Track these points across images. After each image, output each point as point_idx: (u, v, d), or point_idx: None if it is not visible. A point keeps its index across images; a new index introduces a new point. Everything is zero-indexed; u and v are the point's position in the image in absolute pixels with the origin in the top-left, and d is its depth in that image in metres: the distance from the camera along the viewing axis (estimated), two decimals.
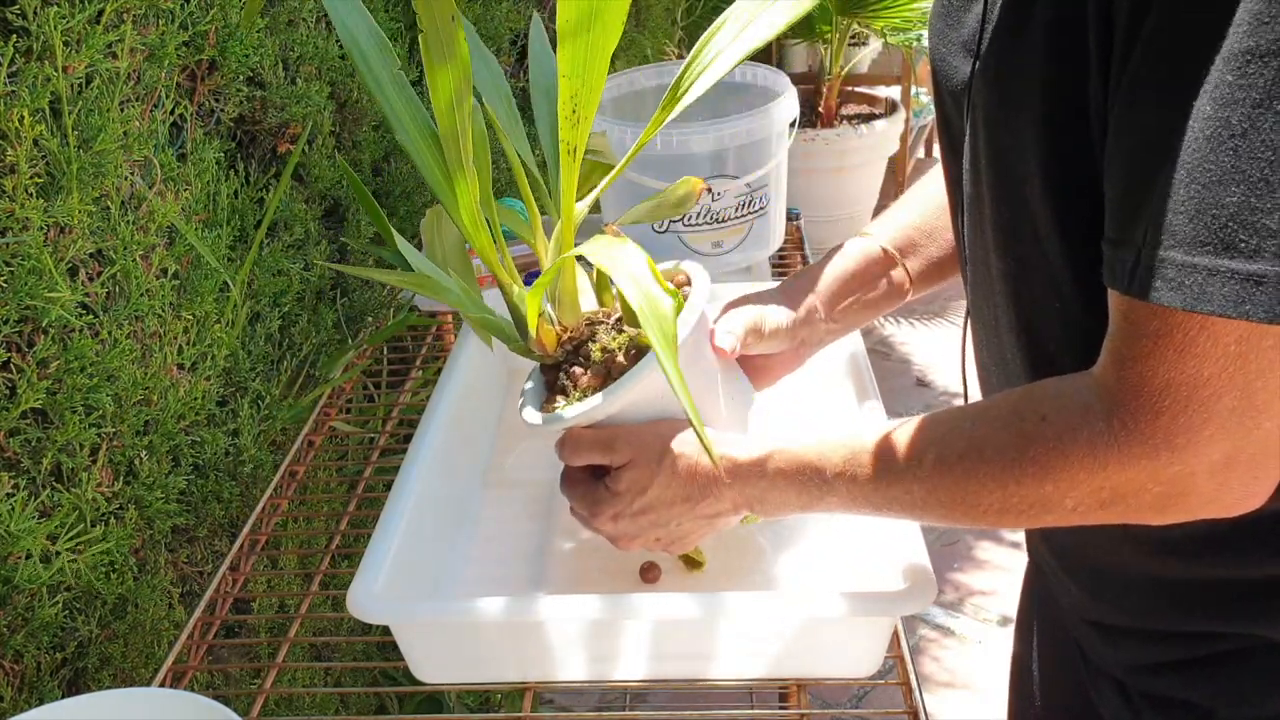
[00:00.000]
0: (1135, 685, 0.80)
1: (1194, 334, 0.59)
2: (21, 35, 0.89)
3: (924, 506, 0.74)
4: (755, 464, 0.81)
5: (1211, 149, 0.56)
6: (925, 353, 3.48)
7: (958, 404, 0.78)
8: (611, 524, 0.86)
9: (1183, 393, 0.60)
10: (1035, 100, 0.67)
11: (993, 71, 0.72)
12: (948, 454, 0.71)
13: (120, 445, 1.05)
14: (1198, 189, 0.57)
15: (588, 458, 0.87)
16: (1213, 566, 0.73)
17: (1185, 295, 0.58)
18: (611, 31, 0.76)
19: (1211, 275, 0.57)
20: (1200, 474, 0.62)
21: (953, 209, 0.85)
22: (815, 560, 0.97)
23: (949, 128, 0.81)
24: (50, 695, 0.97)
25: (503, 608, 0.83)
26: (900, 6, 3.68)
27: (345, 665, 1.43)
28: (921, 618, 2.46)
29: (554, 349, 0.90)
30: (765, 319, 0.94)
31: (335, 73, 1.42)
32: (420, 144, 0.86)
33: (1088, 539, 0.79)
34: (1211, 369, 0.59)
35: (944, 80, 0.79)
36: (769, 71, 1.52)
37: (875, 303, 0.99)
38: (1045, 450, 0.66)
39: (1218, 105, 0.56)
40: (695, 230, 1.44)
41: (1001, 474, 0.69)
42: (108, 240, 1.01)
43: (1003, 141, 0.72)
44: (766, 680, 0.88)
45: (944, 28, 0.79)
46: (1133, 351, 0.62)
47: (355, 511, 1.16)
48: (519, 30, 2.05)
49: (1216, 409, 0.60)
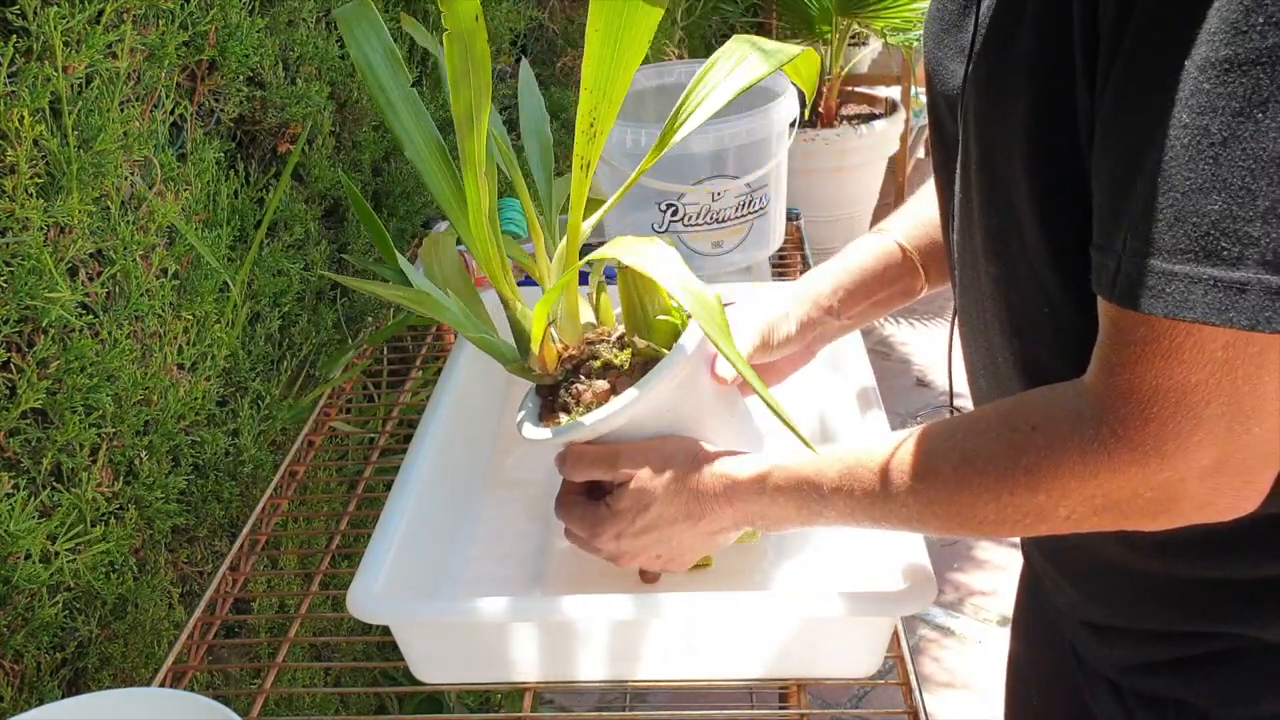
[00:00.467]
0: (1129, 685, 0.80)
1: (1180, 340, 0.59)
2: (21, 35, 0.89)
3: (920, 519, 0.74)
4: (755, 481, 0.82)
5: (1190, 158, 0.57)
6: (925, 353, 3.48)
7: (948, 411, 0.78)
8: (614, 543, 0.86)
9: (1171, 399, 0.61)
10: (1023, 105, 0.68)
11: (984, 76, 0.72)
12: (941, 466, 0.72)
13: (120, 445, 1.05)
14: (1177, 196, 0.57)
15: (590, 473, 0.87)
16: (1208, 568, 0.73)
17: (1167, 303, 0.58)
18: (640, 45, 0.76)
19: (1194, 283, 0.57)
20: (1191, 480, 0.62)
21: (943, 213, 0.85)
22: (815, 560, 0.97)
23: (942, 131, 0.81)
24: (50, 695, 0.97)
25: (503, 608, 0.83)
26: (900, 6, 3.68)
27: (345, 665, 1.43)
28: (921, 618, 2.46)
29: (554, 368, 0.89)
30: (774, 331, 0.94)
31: (335, 73, 1.42)
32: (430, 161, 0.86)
33: (1081, 541, 0.79)
34: (1199, 375, 0.60)
35: (938, 84, 0.79)
36: None
37: (890, 299, 1.00)
38: (1037, 460, 0.67)
39: (1195, 114, 0.56)
40: (695, 230, 1.44)
41: (995, 485, 0.69)
42: (108, 240, 1.01)
43: (992, 145, 0.72)
44: (766, 680, 0.88)
45: (939, 32, 0.79)
46: (1121, 358, 0.62)
47: (355, 511, 1.16)
48: (519, 30, 2.05)
49: (1205, 415, 0.60)
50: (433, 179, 0.86)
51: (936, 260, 0.98)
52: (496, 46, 1.96)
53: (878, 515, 0.76)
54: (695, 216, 1.43)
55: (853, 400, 1.07)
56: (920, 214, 1.00)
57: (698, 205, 1.42)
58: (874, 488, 0.76)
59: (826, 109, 4.01)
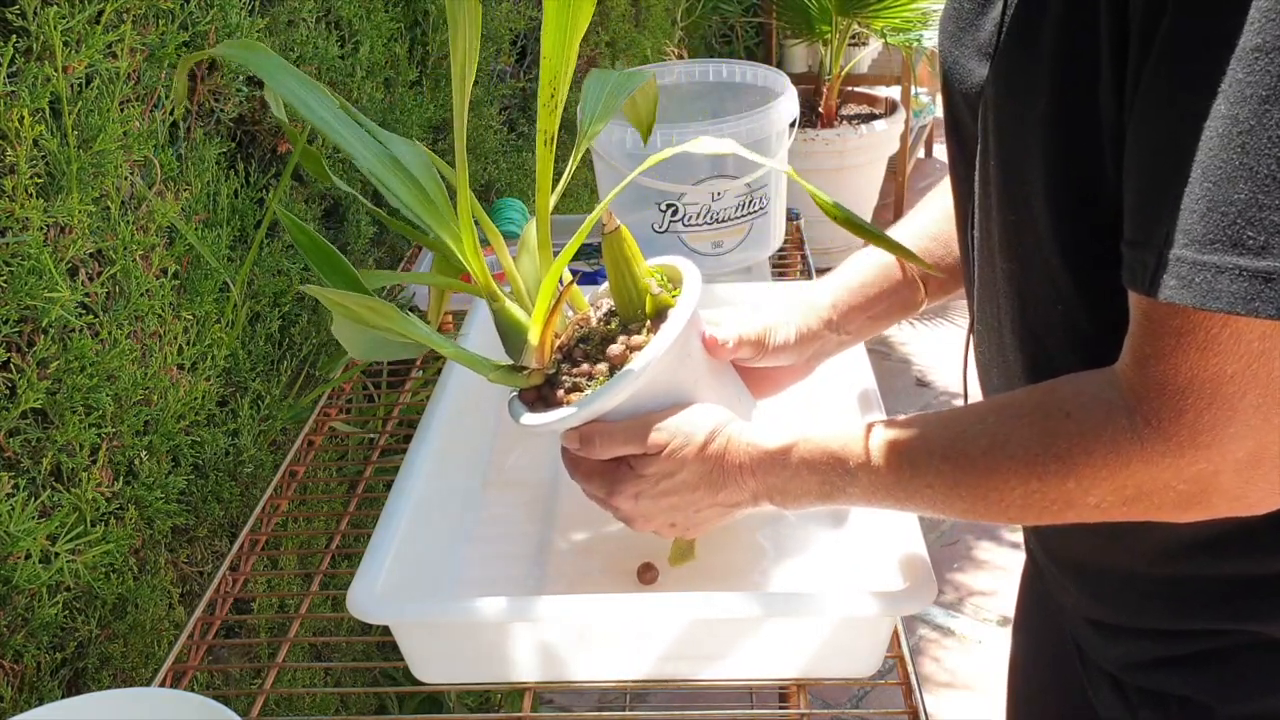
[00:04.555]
0: (1133, 682, 0.80)
1: (1216, 331, 0.59)
2: (21, 35, 0.89)
3: (946, 500, 0.74)
4: (780, 452, 0.81)
5: (1222, 146, 0.56)
6: (925, 353, 3.48)
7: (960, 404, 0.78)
8: (632, 502, 0.86)
9: (1206, 390, 0.60)
10: (1043, 104, 0.68)
11: (1004, 74, 0.72)
12: (971, 448, 0.71)
13: (120, 445, 1.05)
14: (1209, 186, 0.57)
15: (622, 447, 0.85)
16: (1214, 565, 0.73)
17: (1194, 293, 0.58)
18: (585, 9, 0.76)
19: (1220, 273, 0.57)
20: (1225, 472, 0.62)
21: (959, 211, 0.85)
22: (815, 560, 0.97)
23: (960, 130, 0.81)
24: (50, 695, 0.97)
25: (503, 608, 0.83)
26: (900, 6, 3.68)
27: (345, 665, 1.43)
28: (921, 618, 2.46)
29: (548, 360, 0.89)
30: (772, 333, 0.94)
31: (335, 73, 1.43)
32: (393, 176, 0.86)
33: (1085, 539, 0.79)
34: (1235, 366, 0.59)
35: (956, 83, 0.79)
36: (769, 71, 1.52)
37: (890, 313, 0.99)
38: (1069, 446, 0.66)
39: (1230, 103, 0.56)
40: (695, 230, 1.44)
41: (1024, 469, 0.68)
42: (108, 240, 1.01)
43: (1011, 144, 0.72)
44: (766, 680, 0.88)
45: (956, 31, 0.79)
46: (1155, 350, 0.62)
47: (355, 511, 1.16)
48: (519, 30, 2.05)
49: (1240, 406, 0.60)
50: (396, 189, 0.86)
51: (939, 272, 0.98)
52: (496, 46, 1.96)
53: (901, 496, 0.76)
54: (695, 216, 1.43)
55: (853, 400, 1.07)
56: (920, 227, 0.99)
57: (698, 205, 1.42)
58: (900, 466, 0.75)
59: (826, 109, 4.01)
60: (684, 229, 1.43)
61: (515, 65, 2.12)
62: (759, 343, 0.93)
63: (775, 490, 0.82)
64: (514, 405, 0.90)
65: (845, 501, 0.80)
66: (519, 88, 2.12)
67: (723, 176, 1.40)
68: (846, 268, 1.00)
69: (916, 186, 4.54)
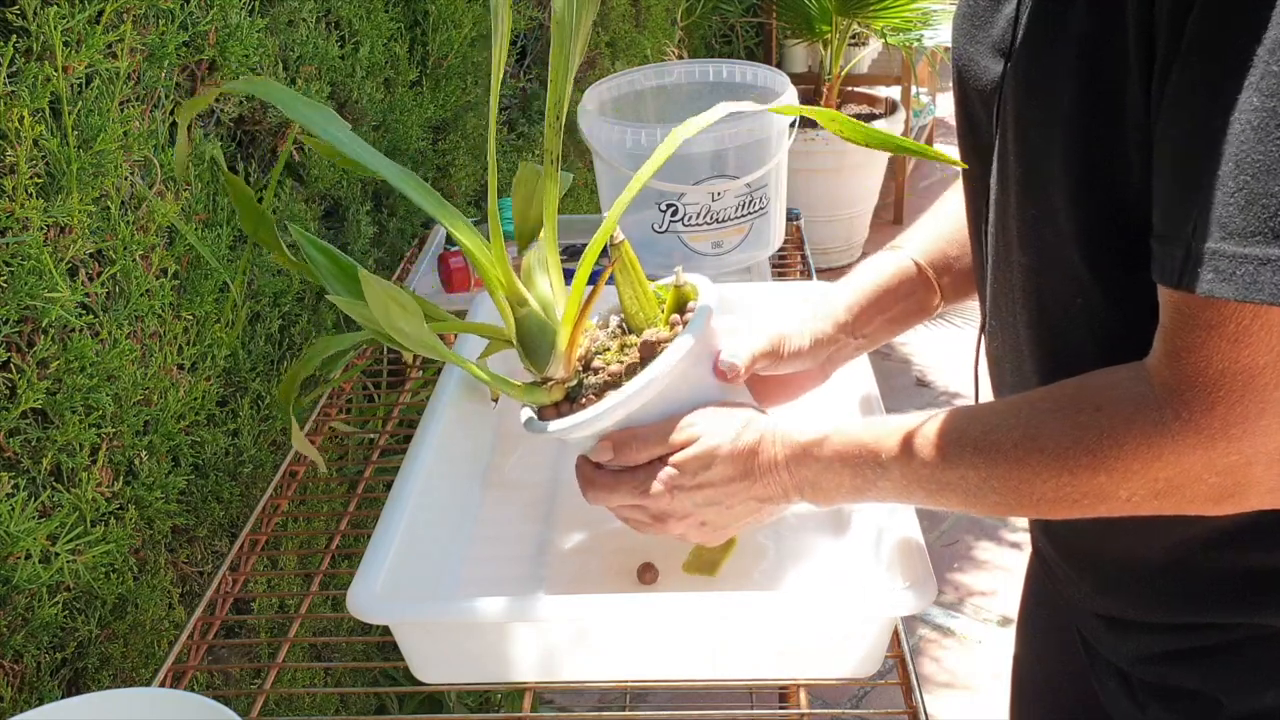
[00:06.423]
0: (1141, 676, 0.80)
1: (1248, 323, 0.59)
2: (21, 35, 0.89)
3: (979, 493, 0.73)
4: (813, 444, 0.81)
5: (1259, 139, 0.56)
6: (925, 353, 3.48)
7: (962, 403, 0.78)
8: (667, 498, 0.84)
9: (1238, 382, 0.60)
10: (1066, 103, 0.68)
11: (1024, 72, 0.72)
12: (1003, 442, 0.71)
13: (120, 445, 1.05)
14: (1247, 179, 0.57)
15: (657, 450, 0.85)
16: (1225, 558, 0.73)
17: (1236, 286, 0.58)
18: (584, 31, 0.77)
19: (1263, 265, 0.57)
20: (1258, 464, 0.62)
21: (971, 208, 0.85)
22: (815, 560, 0.97)
23: (974, 127, 0.81)
24: (50, 695, 0.97)
25: (503, 608, 0.83)
26: (900, 6, 3.68)
27: (345, 665, 1.43)
28: (921, 618, 2.46)
29: (571, 370, 0.89)
30: (785, 342, 0.94)
31: (335, 73, 1.42)
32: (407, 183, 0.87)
33: (1097, 532, 0.79)
34: (1267, 358, 0.59)
35: (971, 80, 0.79)
36: (769, 71, 1.52)
37: (906, 316, 0.99)
38: (1100, 440, 0.66)
39: (1264, 96, 0.56)
40: (695, 230, 1.44)
41: (1056, 463, 0.68)
42: (108, 240, 1.01)
43: (1032, 141, 0.72)
44: (766, 680, 0.88)
45: (971, 28, 0.79)
46: (1186, 343, 0.62)
47: (355, 511, 1.16)
48: (519, 30, 2.05)
49: (1273, 398, 0.60)
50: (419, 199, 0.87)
51: (952, 276, 0.97)
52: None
53: (933, 489, 0.76)
54: (695, 216, 1.43)
55: (854, 401, 1.07)
56: (935, 230, 0.99)
57: (698, 205, 1.42)
58: (933, 459, 0.75)
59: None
60: (684, 229, 1.43)
61: (515, 65, 2.12)
62: (773, 353, 0.93)
63: (808, 484, 0.82)
64: (533, 424, 0.90)
65: (875, 496, 0.80)
66: (519, 88, 2.12)
67: (723, 176, 1.40)
68: (861, 271, 0.99)
69: (916, 186, 4.54)
